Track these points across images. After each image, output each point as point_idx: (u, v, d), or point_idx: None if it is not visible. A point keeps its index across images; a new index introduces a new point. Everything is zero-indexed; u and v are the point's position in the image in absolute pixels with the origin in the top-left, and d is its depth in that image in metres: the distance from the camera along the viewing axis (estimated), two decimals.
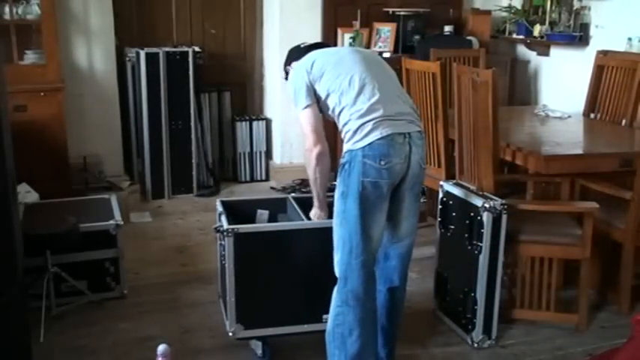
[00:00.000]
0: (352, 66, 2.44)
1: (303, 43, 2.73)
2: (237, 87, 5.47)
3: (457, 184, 3.10)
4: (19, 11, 4.19)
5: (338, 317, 2.39)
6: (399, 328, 2.67)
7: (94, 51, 4.69)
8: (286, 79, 2.74)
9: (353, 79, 2.39)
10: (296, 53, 2.68)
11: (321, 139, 2.45)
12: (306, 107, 2.45)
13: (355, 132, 2.33)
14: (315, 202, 2.67)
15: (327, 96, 2.43)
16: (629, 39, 4.37)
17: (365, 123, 2.32)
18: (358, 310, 2.36)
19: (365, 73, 2.41)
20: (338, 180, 2.39)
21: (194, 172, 4.98)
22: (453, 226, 3.02)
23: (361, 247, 2.34)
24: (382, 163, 2.30)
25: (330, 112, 2.47)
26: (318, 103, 2.47)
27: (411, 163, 2.38)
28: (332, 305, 2.42)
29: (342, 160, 2.38)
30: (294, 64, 2.63)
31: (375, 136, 2.30)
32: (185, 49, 4.84)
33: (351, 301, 2.36)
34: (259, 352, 2.75)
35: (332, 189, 2.51)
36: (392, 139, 2.32)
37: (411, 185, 2.43)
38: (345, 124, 2.38)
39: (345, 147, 2.38)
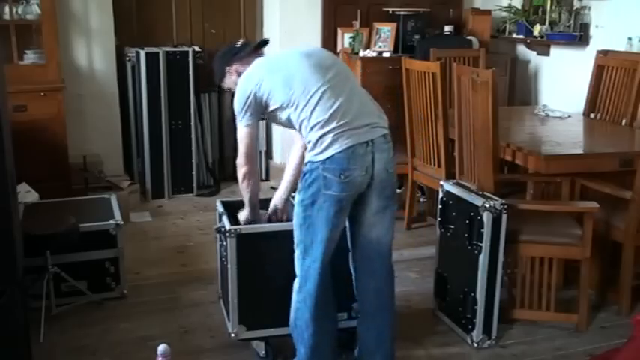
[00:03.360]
0: (305, 77, 2.33)
1: (236, 43, 2.61)
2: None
3: (457, 184, 3.10)
4: (19, 11, 4.20)
5: (297, 312, 2.46)
6: (395, 328, 2.63)
7: (94, 51, 4.70)
8: (219, 83, 2.63)
9: (308, 92, 2.30)
10: (234, 54, 2.55)
11: (250, 160, 2.48)
12: (246, 126, 2.42)
13: (315, 144, 2.29)
14: (246, 208, 2.66)
15: (282, 109, 2.37)
16: (629, 39, 4.37)
17: (324, 135, 2.27)
18: (313, 309, 2.42)
19: (320, 81, 2.32)
20: (299, 186, 2.38)
21: (194, 172, 4.99)
22: (452, 226, 3.02)
23: (319, 252, 2.37)
24: (342, 177, 2.27)
25: (287, 124, 2.43)
26: (266, 113, 2.42)
27: (375, 171, 2.34)
28: (292, 299, 2.48)
29: (303, 169, 2.37)
30: (236, 67, 2.53)
31: (336, 149, 2.26)
32: (185, 49, 4.84)
33: (307, 301, 2.42)
34: (262, 352, 2.75)
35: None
36: (353, 151, 2.27)
37: (380, 191, 2.39)
38: (306, 135, 2.33)
39: (307, 156, 2.35)
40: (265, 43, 2.63)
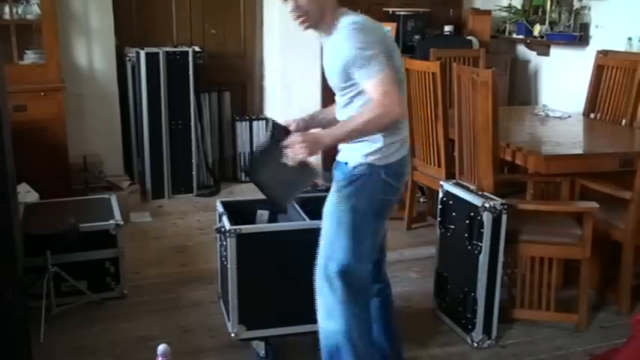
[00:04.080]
0: (399, 68, 2.28)
1: None
2: (237, 87, 5.47)
3: (457, 184, 3.10)
4: (19, 11, 4.20)
5: (351, 320, 2.29)
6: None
7: (94, 51, 4.70)
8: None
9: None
10: None
11: (401, 106, 2.16)
12: (386, 69, 2.13)
13: (383, 147, 2.22)
14: (324, 135, 2.22)
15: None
16: (629, 39, 4.37)
17: (393, 143, 2.25)
18: (363, 303, 2.35)
19: (402, 88, 2.26)
20: (347, 190, 2.25)
21: (194, 172, 4.98)
22: (453, 226, 3.02)
23: (369, 254, 2.34)
24: (399, 182, 2.32)
25: (355, 96, 2.22)
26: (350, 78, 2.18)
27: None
28: (339, 311, 2.28)
29: (353, 170, 2.25)
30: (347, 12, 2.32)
31: (399, 155, 2.28)
32: (185, 49, 4.84)
33: (361, 301, 2.33)
34: (262, 352, 2.75)
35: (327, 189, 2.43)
36: (406, 159, 2.35)
37: None
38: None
39: (365, 159, 2.23)
40: None
